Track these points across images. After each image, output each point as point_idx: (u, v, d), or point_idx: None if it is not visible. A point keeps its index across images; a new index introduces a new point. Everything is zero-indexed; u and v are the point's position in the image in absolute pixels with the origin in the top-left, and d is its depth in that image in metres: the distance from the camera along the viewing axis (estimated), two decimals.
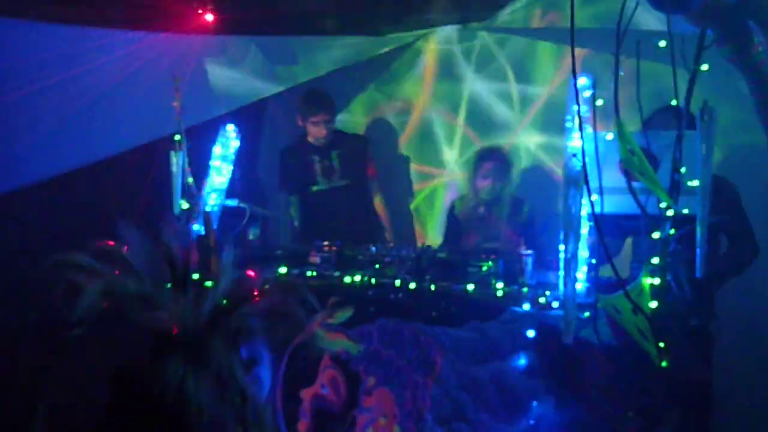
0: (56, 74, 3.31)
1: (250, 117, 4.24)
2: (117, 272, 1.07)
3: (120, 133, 3.62)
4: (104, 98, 3.44)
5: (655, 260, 2.12)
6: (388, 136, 4.74)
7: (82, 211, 3.89)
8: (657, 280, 2.07)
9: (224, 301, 1.14)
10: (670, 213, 2.08)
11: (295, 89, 4.23)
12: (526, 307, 2.65)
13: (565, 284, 2.20)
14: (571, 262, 2.19)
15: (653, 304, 2.09)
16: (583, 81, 2.50)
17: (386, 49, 4.38)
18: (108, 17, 3.32)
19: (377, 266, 3.14)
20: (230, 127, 3.55)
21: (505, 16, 3.84)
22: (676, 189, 2.08)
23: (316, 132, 3.99)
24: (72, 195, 3.84)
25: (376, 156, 4.33)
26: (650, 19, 2.54)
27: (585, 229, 2.38)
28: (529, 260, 2.86)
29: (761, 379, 3.44)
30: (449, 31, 4.40)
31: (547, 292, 2.71)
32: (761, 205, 3.41)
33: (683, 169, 2.11)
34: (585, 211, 2.42)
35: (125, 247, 1.09)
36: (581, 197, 2.10)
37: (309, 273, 3.21)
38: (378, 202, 4.22)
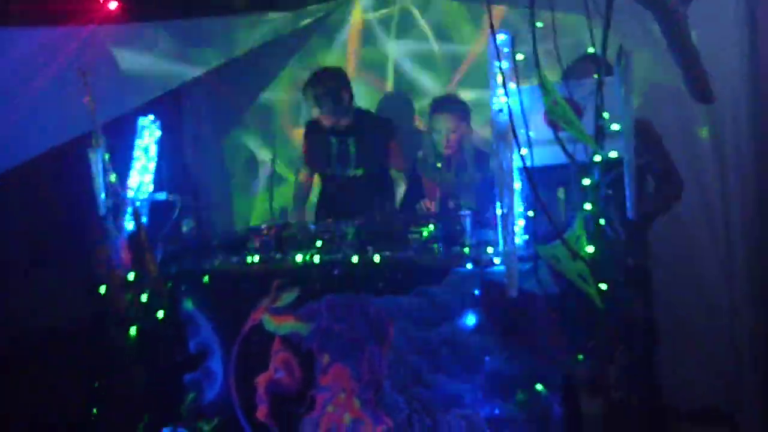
0: None
1: (168, 106, 4.08)
2: None
3: (31, 137, 3.43)
4: (9, 101, 3.25)
5: (588, 206, 2.17)
6: None
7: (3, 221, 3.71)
8: (592, 225, 2.12)
9: None
10: (597, 158, 2.13)
11: (213, 72, 4.10)
12: (469, 266, 2.69)
13: (503, 239, 2.23)
14: (508, 216, 2.22)
15: (590, 249, 2.14)
16: (501, 37, 2.51)
17: (304, 23, 4.28)
18: (7, 14, 3.12)
19: (318, 244, 3.10)
20: (149, 118, 3.41)
21: None
22: (600, 134, 2.13)
23: (324, 120, 3.69)
24: None
25: None
26: None
27: (518, 183, 2.41)
28: (468, 220, 2.88)
29: (699, 312, 3.60)
30: None
31: (489, 250, 2.75)
32: (683, 142, 3.53)
33: (606, 115, 2.16)
34: (516, 165, 2.45)
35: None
36: (510, 152, 2.12)
37: (249, 259, 3.16)
38: (400, 192, 3.85)
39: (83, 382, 3.32)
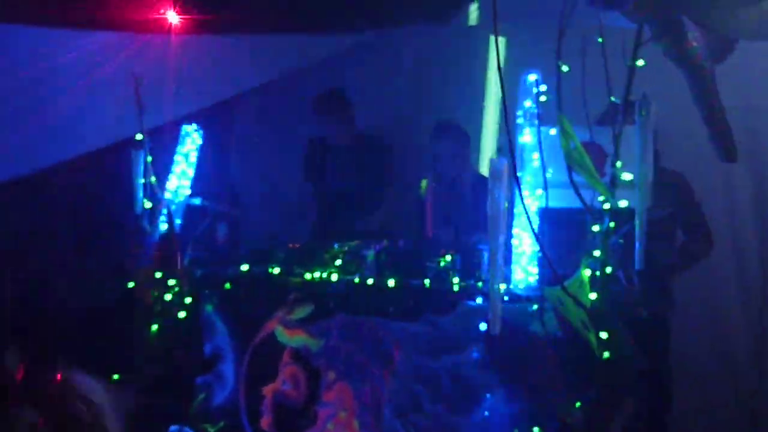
0: (17, 75, 3.32)
1: (217, 117, 4.24)
2: None
3: (84, 134, 3.63)
4: (67, 99, 3.45)
5: (597, 252, 2.16)
6: None
7: (47, 212, 3.92)
8: (597, 273, 2.11)
9: None
10: (606, 206, 2.12)
11: (261, 88, 4.24)
12: (479, 300, 2.69)
13: (491, 276, 2.24)
14: (497, 255, 2.22)
15: (593, 296, 2.13)
16: (532, 77, 2.54)
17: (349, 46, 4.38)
18: (70, 18, 3.32)
19: (338, 262, 3.16)
20: (191, 127, 3.57)
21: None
22: (613, 183, 2.12)
23: (329, 132, 3.95)
24: (36, 197, 3.86)
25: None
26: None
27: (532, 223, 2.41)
28: (485, 254, 2.89)
29: (722, 366, 3.50)
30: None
31: (502, 286, 2.75)
32: (722, 198, 3.47)
33: (618, 164, 2.15)
34: (534, 206, 2.46)
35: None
36: (503, 191, 2.13)
37: (271, 270, 3.24)
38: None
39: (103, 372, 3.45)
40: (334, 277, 3.07)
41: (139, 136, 3.32)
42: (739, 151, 2.32)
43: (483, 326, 2.65)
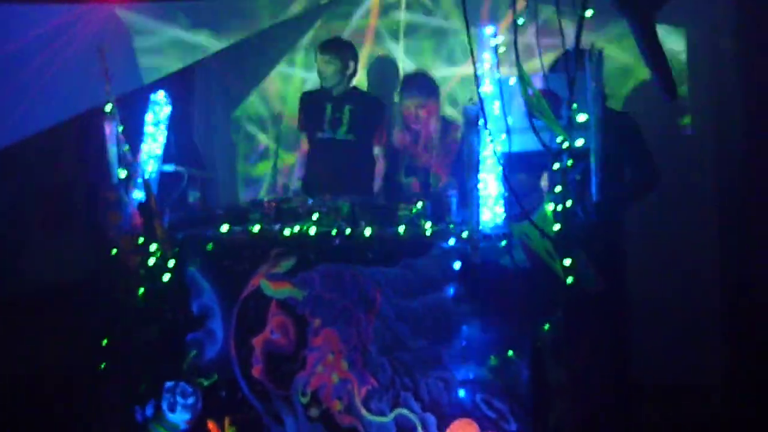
0: None
1: (180, 80, 4.30)
2: None
3: (50, 107, 3.66)
4: (31, 74, 3.47)
5: (557, 189, 2.38)
6: None
7: (19, 187, 3.95)
8: (559, 206, 2.34)
9: None
10: (564, 146, 2.34)
11: (225, 49, 4.29)
12: (452, 242, 2.91)
13: (470, 213, 2.45)
14: (473, 194, 2.43)
15: (556, 227, 2.36)
16: (489, 30, 2.72)
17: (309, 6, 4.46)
18: None
19: (315, 217, 3.32)
20: (161, 94, 3.63)
21: None
22: (570, 125, 2.33)
23: (322, 71, 4.00)
24: (6, 172, 3.89)
25: None
26: None
27: (497, 167, 2.62)
28: (454, 200, 3.11)
29: (674, 292, 3.83)
30: None
31: (470, 227, 2.96)
32: (666, 135, 3.74)
33: (573, 106, 2.36)
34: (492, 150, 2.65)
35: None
36: (478, 138, 2.33)
37: (251, 228, 3.38)
38: (378, 168, 4.13)
39: (92, 339, 3.56)
40: (313, 231, 3.24)
41: (108, 107, 3.37)
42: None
43: (457, 265, 2.88)
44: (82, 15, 3.51)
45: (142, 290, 3.42)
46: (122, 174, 3.41)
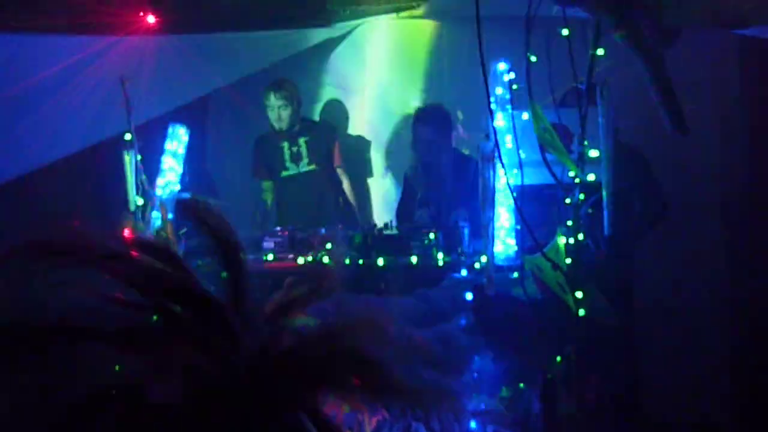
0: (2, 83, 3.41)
1: (194, 113, 4.39)
2: None
3: (70, 136, 3.74)
4: (53, 102, 3.55)
5: (570, 222, 2.42)
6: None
7: (36, 215, 4.01)
8: (571, 240, 2.37)
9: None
10: (576, 180, 2.38)
11: (239, 81, 4.39)
12: (464, 272, 2.94)
13: (485, 246, 2.49)
14: (488, 227, 2.48)
15: (568, 260, 2.39)
16: (502, 66, 2.79)
17: (322, 40, 4.57)
18: (51, 24, 3.43)
19: (328, 246, 3.37)
20: (178, 125, 3.72)
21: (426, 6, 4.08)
22: (582, 159, 2.38)
23: (275, 116, 4.16)
24: (25, 200, 3.95)
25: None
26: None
27: (510, 200, 2.67)
28: (466, 231, 3.15)
29: (683, 325, 3.83)
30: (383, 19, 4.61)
31: (483, 258, 3.00)
32: (672, 167, 3.78)
33: (585, 142, 2.41)
34: (505, 183, 2.70)
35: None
36: (494, 171, 2.38)
37: (265, 257, 3.43)
38: (346, 188, 4.36)
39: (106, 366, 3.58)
40: (326, 260, 3.28)
41: (128, 136, 3.45)
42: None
43: (469, 296, 2.91)
44: (104, 47, 3.61)
45: (155, 317, 3.45)
46: (139, 202, 3.48)
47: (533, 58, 2.45)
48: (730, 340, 3.65)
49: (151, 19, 3.80)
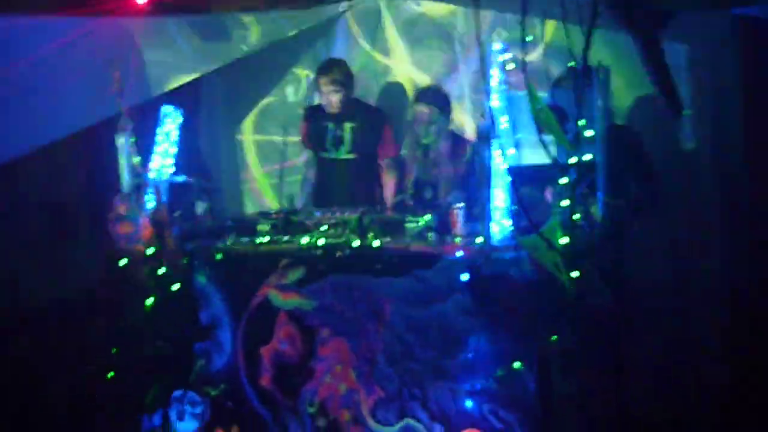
0: None
1: (187, 94, 4.35)
2: None
3: (62, 119, 3.71)
4: (44, 86, 3.52)
5: (565, 202, 2.43)
6: None
7: (29, 198, 3.99)
8: (566, 219, 2.39)
9: None
10: (572, 160, 2.39)
11: (230, 64, 4.36)
12: (459, 254, 2.95)
13: (481, 227, 2.50)
14: (484, 207, 2.49)
15: (564, 240, 2.41)
16: (497, 46, 2.78)
17: (320, 20, 4.54)
18: (42, 5, 3.38)
19: (323, 228, 3.37)
20: (171, 107, 3.69)
21: None
22: (578, 140, 2.39)
23: (326, 99, 3.99)
24: (17, 184, 3.93)
25: None
26: None
27: (506, 180, 2.67)
28: (461, 213, 3.15)
29: (675, 304, 3.86)
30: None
31: (478, 240, 3.01)
32: (669, 148, 3.80)
33: (582, 122, 2.42)
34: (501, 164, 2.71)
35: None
36: (489, 152, 2.38)
37: (259, 240, 3.43)
38: (388, 178, 4.08)
39: (101, 348, 3.59)
40: (321, 242, 3.28)
41: (121, 119, 3.42)
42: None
43: (464, 276, 2.93)
44: (94, 29, 3.57)
45: (150, 300, 3.45)
46: (133, 185, 3.46)
47: (529, 38, 2.44)
48: (726, 322, 3.67)
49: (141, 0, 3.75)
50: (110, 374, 3.50)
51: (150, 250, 3.45)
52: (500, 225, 2.79)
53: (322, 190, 4.15)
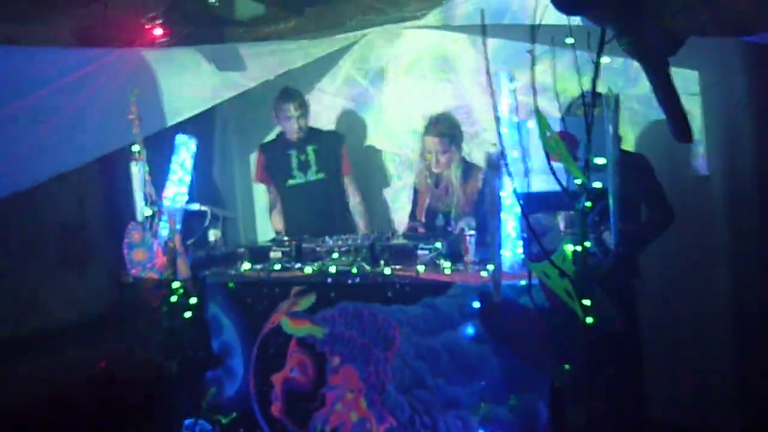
0: (11, 96, 3.45)
1: (202, 123, 4.42)
2: None
3: (80, 146, 3.77)
4: (62, 115, 3.59)
5: (575, 229, 2.42)
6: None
7: (46, 224, 4.05)
8: (578, 247, 2.37)
9: None
10: (582, 188, 2.38)
11: (245, 94, 4.42)
12: (470, 281, 2.94)
13: (492, 254, 2.49)
14: (495, 234, 2.48)
15: (575, 267, 2.39)
16: (506, 75, 2.80)
17: (331, 50, 4.60)
18: (60, 37, 3.48)
19: (335, 256, 3.38)
20: (186, 136, 3.75)
21: (432, 16, 4.11)
22: (588, 167, 2.39)
23: (288, 127, 4.13)
24: (35, 211, 3.99)
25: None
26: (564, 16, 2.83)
27: (517, 207, 2.67)
28: (473, 240, 3.15)
29: (685, 331, 3.82)
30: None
31: (490, 267, 3.01)
32: (678, 175, 3.78)
33: (590, 150, 2.41)
34: (511, 191, 2.71)
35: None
36: (500, 180, 2.39)
37: (271, 267, 3.44)
38: (354, 197, 4.27)
39: (112, 374, 3.59)
40: (333, 269, 3.29)
41: (136, 147, 3.48)
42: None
43: (476, 304, 2.91)
44: (114, 59, 3.65)
45: (164, 328, 3.47)
46: (147, 213, 3.50)
47: (539, 67, 2.45)
48: (736, 347, 3.63)
49: (158, 31, 3.85)
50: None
51: (163, 278, 3.49)
52: (512, 252, 2.78)
53: (297, 218, 4.23)
